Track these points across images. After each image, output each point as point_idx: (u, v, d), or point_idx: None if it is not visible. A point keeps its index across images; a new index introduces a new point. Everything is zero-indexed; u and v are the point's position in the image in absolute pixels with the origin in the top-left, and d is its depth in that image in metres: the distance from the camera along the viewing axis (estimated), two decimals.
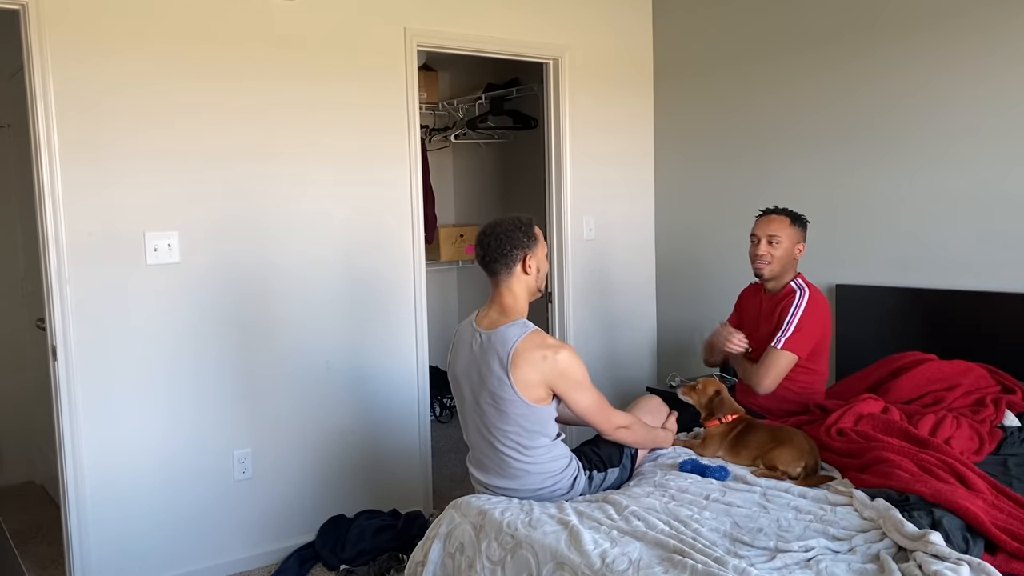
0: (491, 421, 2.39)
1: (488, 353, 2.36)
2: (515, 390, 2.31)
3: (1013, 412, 2.79)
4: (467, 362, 2.45)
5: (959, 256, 3.27)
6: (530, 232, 2.45)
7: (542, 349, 2.33)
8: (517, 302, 2.44)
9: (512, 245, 2.41)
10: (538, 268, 2.46)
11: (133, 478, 3.07)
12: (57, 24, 2.84)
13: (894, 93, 3.42)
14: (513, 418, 2.35)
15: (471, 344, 2.44)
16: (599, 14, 4.16)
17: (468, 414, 2.49)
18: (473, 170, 5.80)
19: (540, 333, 2.37)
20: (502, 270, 2.42)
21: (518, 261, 2.42)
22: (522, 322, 2.39)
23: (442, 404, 5.47)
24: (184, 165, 3.10)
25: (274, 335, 3.33)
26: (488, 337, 2.38)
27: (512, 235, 2.42)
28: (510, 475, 2.41)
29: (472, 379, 2.43)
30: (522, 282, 2.44)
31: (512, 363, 2.31)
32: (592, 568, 1.91)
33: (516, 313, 2.42)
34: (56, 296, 2.89)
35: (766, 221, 3.07)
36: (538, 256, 2.46)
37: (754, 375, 2.97)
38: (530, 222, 2.48)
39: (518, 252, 2.41)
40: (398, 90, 3.57)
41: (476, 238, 2.47)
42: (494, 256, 2.42)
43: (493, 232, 2.43)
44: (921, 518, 2.00)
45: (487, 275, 2.47)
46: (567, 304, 4.15)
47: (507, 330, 2.36)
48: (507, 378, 2.31)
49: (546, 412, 2.38)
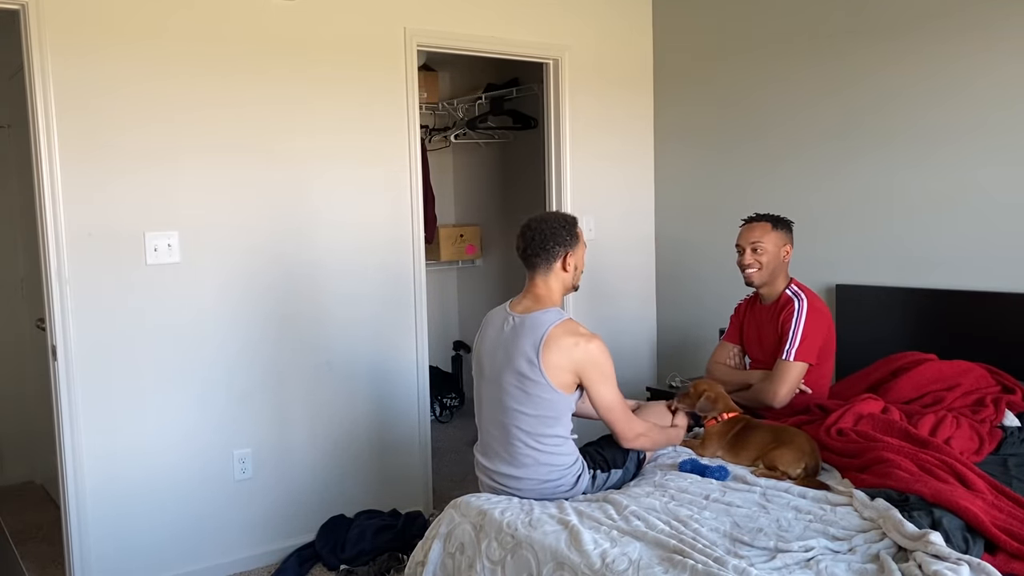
0: (510, 402, 2.40)
1: (520, 334, 2.39)
2: (543, 373, 2.34)
3: (1013, 412, 2.79)
4: (494, 342, 2.48)
5: (959, 256, 3.27)
6: (573, 231, 2.49)
7: (575, 336, 2.37)
8: (551, 294, 2.49)
9: (556, 242, 2.45)
10: (576, 267, 2.51)
11: (133, 478, 3.07)
12: (57, 24, 2.84)
13: (895, 92, 3.42)
14: (535, 401, 2.37)
15: (502, 325, 2.47)
16: (599, 14, 4.16)
17: (484, 396, 2.51)
18: (473, 170, 5.80)
19: (574, 321, 2.43)
20: (542, 264, 2.47)
21: (559, 257, 2.46)
22: (556, 309, 2.44)
23: (442, 404, 5.46)
24: (184, 165, 3.10)
25: (274, 335, 3.33)
26: (522, 320, 2.42)
27: (556, 232, 2.46)
28: (518, 463, 2.41)
29: (497, 358, 2.45)
30: (559, 278, 2.49)
31: (544, 346, 2.35)
32: (592, 568, 1.91)
33: (551, 302, 2.47)
34: (56, 296, 2.89)
35: (748, 230, 3.09)
36: (578, 255, 2.51)
37: (768, 390, 2.94)
38: (574, 221, 2.53)
39: (560, 249, 2.46)
40: (398, 90, 3.57)
41: (519, 229, 2.51)
42: (536, 250, 2.46)
43: (538, 227, 2.47)
44: (921, 518, 1.99)
45: (525, 268, 2.51)
46: (567, 304, 4.15)
47: (542, 315, 2.41)
48: (537, 360, 2.34)
49: (567, 401, 2.41)
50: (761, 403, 2.95)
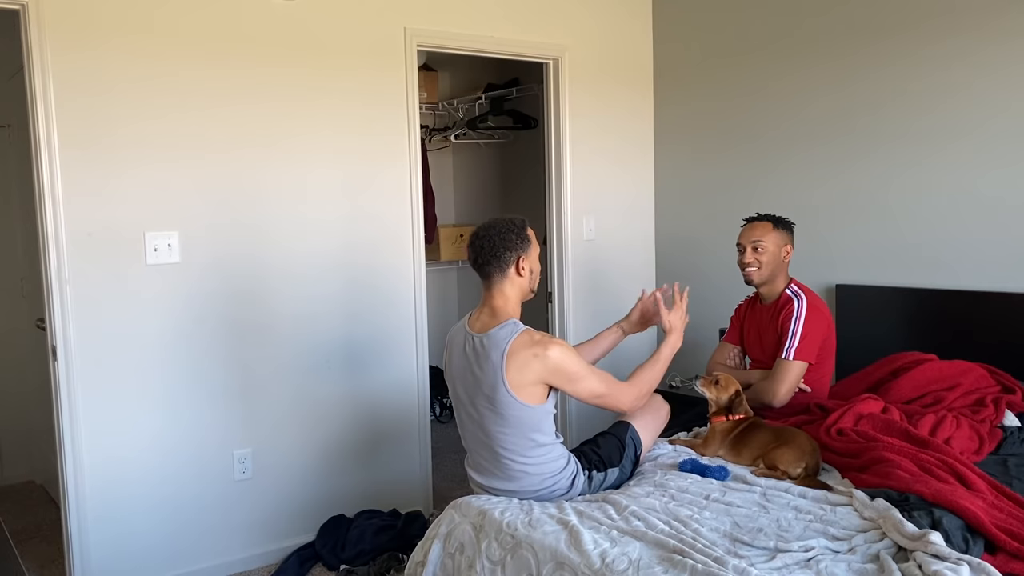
0: (488, 424, 2.39)
1: (481, 357, 2.37)
2: (510, 392, 2.32)
3: (1013, 412, 2.79)
4: (461, 366, 2.45)
5: (959, 256, 3.27)
6: (523, 234, 2.45)
7: (531, 347, 2.32)
8: (508, 304, 2.44)
9: (505, 247, 2.41)
10: (531, 269, 2.47)
11: (133, 478, 3.07)
12: (57, 24, 2.84)
13: (895, 92, 3.42)
14: (510, 420, 2.35)
15: (464, 347, 2.45)
16: (599, 14, 4.16)
17: (464, 418, 2.50)
18: (473, 170, 5.80)
19: (529, 332, 2.37)
20: (495, 272, 2.43)
21: (511, 263, 2.43)
22: (512, 323, 2.39)
23: (442, 404, 5.47)
24: (184, 165, 3.10)
25: (274, 335, 3.33)
26: (480, 341, 2.39)
27: (505, 237, 2.42)
28: (509, 477, 2.41)
29: (467, 382, 2.43)
30: (515, 284, 2.45)
31: (506, 366, 2.31)
32: (592, 568, 1.91)
33: (506, 315, 2.42)
34: (56, 296, 2.89)
35: (749, 229, 3.09)
36: (531, 258, 2.47)
37: (767, 389, 2.94)
38: (523, 224, 2.48)
39: (511, 254, 2.42)
40: (398, 90, 3.57)
41: (468, 240, 2.47)
42: (487, 259, 2.42)
43: (486, 235, 2.43)
44: (921, 518, 1.99)
45: (480, 277, 2.48)
46: (567, 304, 4.15)
47: (497, 332, 2.36)
48: (502, 381, 2.32)
49: (542, 411, 2.38)
50: (761, 402, 2.95)
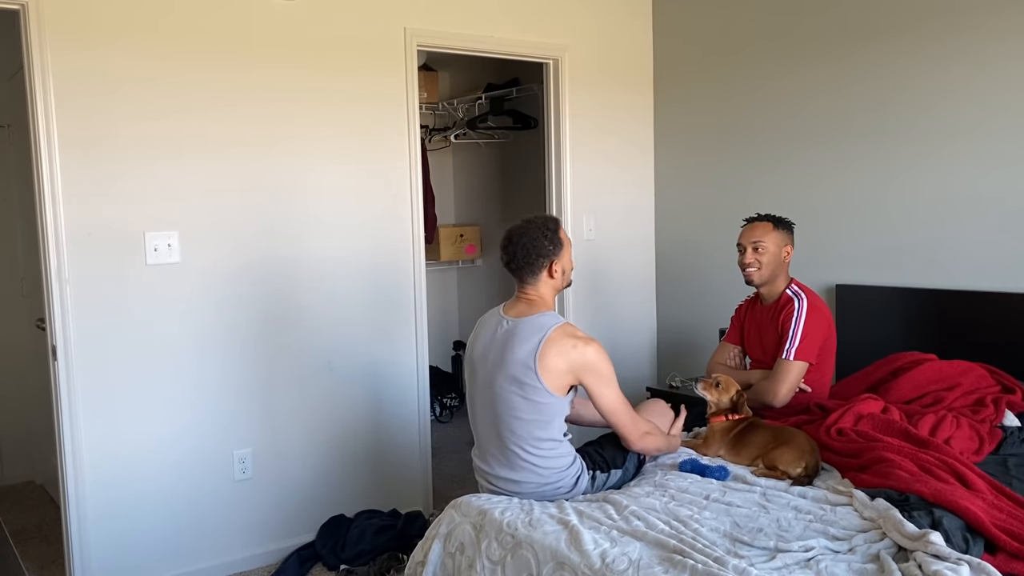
0: (502, 408, 2.40)
1: (515, 338, 2.39)
2: (539, 377, 2.34)
3: (1013, 412, 2.79)
4: (486, 346, 2.48)
5: (959, 256, 3.27)
6: (555, 238, 2.48)
7: (573, 338, 2.38)
8: (543, 298, 2.50)
9: (538, 254, 2.45)
10: (563, 270, 2.52)
11: (133, 478, 3.07)
12: (57, 24, 2.84)
13: (895, 92, 3.42)
14: (529, 405, 2.36)
15: (496, 329, 2.47)
16: (599, 14, 4.16)
17: (478, 402, 2.50)
18: (473, 170, 5.80)
19: (572, 324, 2.44)
20: (528, 275, 2.48)
21: (544, 268, 2.47)
22: (553, 312, 2.46)
23: (442, 404, 5.47)
24: (184, 165, 3.10)
25: (274, 335, 3.33)
26: (516, 324, 2.42)
27: (538, 243, 2.45)
28: (515, 467, 2.41)
29: (489, 362, 2.44)
30: (548, 284, 2.51)
31: (542, 349, 2.34)
32: (592, 568, 1.91)
33: (544, 306, 2.48)
34: (56, 296, 2.89)
35: (749, 229, 3.10)
36: (563, 260, 2.51)
37: (768, 389, 2.94)
38: (556, 226, 2.51)
39: (543, 260, 2.47)
40: (398, 90, 3.57)
41: (501, 243, 2.51)
42: (520, 264, 2.47)
43: (520, 241, 2.46)
44: (921, 518, 1.99)
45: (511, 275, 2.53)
46: (567, 304, 4.15)
47: (539, 318, 2.41)
48: (534, 364, 2.34)
49: (559, 404, 2.40)
50: (761, 402, 2.94)
